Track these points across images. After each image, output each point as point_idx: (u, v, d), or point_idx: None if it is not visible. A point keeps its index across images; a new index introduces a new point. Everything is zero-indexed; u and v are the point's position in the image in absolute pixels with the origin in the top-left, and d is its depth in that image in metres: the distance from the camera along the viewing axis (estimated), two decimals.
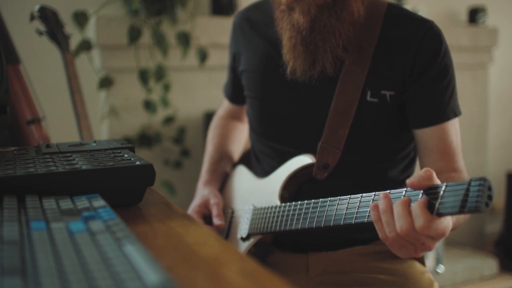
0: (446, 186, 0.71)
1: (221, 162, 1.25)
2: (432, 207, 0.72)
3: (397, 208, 0.75)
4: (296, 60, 1.02)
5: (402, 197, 0.77)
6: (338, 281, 1.06)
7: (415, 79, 1.02)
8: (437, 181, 0.75)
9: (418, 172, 0.76)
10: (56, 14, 1.49)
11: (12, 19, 1.52)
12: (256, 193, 1.12)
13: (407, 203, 0.74)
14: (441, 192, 0.71)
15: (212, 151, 1.27)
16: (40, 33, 1.48)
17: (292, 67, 1.04)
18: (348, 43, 1.01)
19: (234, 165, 1.28)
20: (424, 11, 2.85)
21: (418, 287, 1.04)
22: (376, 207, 0.78)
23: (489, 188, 0.66)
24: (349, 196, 0.86)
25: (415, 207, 0.73)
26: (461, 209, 0.66)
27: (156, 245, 0.54)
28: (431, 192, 0.73)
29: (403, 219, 0.73)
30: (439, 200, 0.71)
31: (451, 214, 0.70)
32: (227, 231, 1.16)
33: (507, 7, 3.32)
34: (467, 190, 0.66)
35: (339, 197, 0.87)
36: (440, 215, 0.72)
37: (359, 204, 0.83)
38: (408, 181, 0.75)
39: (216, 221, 1.09)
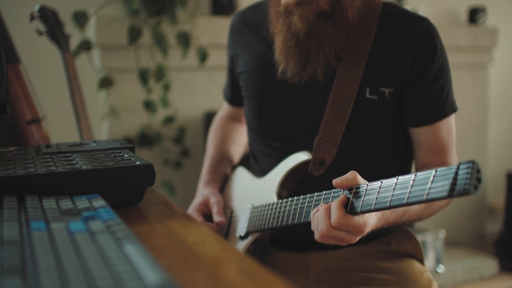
0: (428, 172, 0.73)
1: (221, 164, 1.26)
2: (347, 205, 0.82)
3: (320, 213, 0.84)
4: (288, 62, 1.05)
5: (331, 198, 0.87)
6: (337, 280, 1.06)
7: (415, 79, 1.02)
8: (362, 181, 0.83)
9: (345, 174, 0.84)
10: (56, 14, 1.49)
11: (12, 19, 1.52)
12: (254, 193, 1.13)
13: (328, 208, 0.84)
14: (363, 191, 0.80)
15: (212, 153, 1.28)
16: (40, 33, 1.48)
17: (283, 68, 1.06)
18: (340, 50, 1.03)
19: (234, 166, 1.28)
20: (424, 11, 2.85)
21: (417, 286, 1.04)
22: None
23: (478, 171, 0.67)
24: (333, 190, 0.87)
25: (333, 204, 0.83)
26: (450, 193, 0.67)
27: (156, 245, 0.54)
28: (353, 191, 0.83)
29: (323, 222, 0.83)
30: (354, 199, 0.81)
31: (374, 210, 0.78)
32: (226, 231, 1.16)
33: (507, 7, 3.32)
34: (456, 173, 0.67)
35: (333, 190, 0.87)
36: (355, 213, 0.81)
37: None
38: (334, 181, 0.84)
39: (217, 218, 1.10)
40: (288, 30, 1.03)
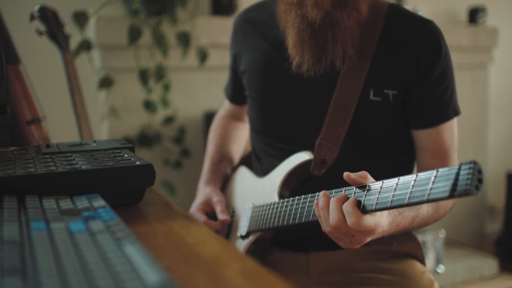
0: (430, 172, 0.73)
1: (222, 163, 1.26)
2: (360, 204, 0.81)
3: (332, 205, 0.83)
4: (303, 54, 1.02)
5: (342, 192, 0.85)
6: (338, 280, 1.06)
7: (418, 80, 1.02)
8: (372, 180, 0.82)
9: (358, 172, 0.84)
10: (56, 14, 1.49)
11: (12, 19, 1.52)
12: (256, 192, 1.13)
13: (341, 200, 0.82)
14: (373, 190, 0.79)
15: (213, 152, 1.28)
16: (40, 33, 1.48)
17: (298, 61, 1.03)
18: (357, 41, 1.01)
19: (235, 165, 1.28)
20: (424, 11, 2.85)
21: (418, 286, 1.04)
22: (317, 204, 0.86)
23: (479, 172, 0.66)
24: (344, 188, 0.86)
25: (346, 206, 0.81)
26: (452, 193, 0.67)
27: (156, 245, 0.54)
28: (364, 189, 0.81)
29: (335, 214, 0.81)
30: (366, 198, 0.80)
31: (380, 210, 0.78)
32: (227, 230, 1.16)
33: (507, 7, 3.32)
34: (457, 174, 0.67)
35: (334, 190, 0.87)
36: (366, 212, 0.80)
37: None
38: (345, 173, 0.83)
39: (221, 216, 1.10)
40: (302, 21, 1.00)
